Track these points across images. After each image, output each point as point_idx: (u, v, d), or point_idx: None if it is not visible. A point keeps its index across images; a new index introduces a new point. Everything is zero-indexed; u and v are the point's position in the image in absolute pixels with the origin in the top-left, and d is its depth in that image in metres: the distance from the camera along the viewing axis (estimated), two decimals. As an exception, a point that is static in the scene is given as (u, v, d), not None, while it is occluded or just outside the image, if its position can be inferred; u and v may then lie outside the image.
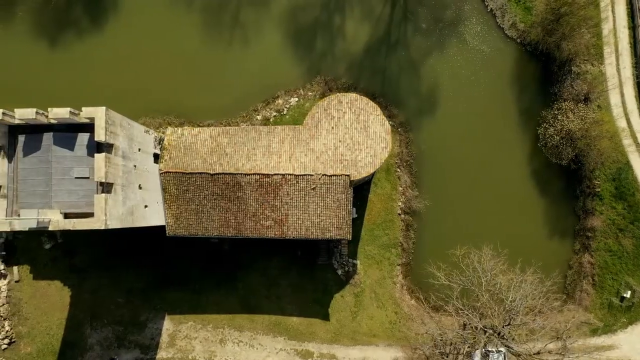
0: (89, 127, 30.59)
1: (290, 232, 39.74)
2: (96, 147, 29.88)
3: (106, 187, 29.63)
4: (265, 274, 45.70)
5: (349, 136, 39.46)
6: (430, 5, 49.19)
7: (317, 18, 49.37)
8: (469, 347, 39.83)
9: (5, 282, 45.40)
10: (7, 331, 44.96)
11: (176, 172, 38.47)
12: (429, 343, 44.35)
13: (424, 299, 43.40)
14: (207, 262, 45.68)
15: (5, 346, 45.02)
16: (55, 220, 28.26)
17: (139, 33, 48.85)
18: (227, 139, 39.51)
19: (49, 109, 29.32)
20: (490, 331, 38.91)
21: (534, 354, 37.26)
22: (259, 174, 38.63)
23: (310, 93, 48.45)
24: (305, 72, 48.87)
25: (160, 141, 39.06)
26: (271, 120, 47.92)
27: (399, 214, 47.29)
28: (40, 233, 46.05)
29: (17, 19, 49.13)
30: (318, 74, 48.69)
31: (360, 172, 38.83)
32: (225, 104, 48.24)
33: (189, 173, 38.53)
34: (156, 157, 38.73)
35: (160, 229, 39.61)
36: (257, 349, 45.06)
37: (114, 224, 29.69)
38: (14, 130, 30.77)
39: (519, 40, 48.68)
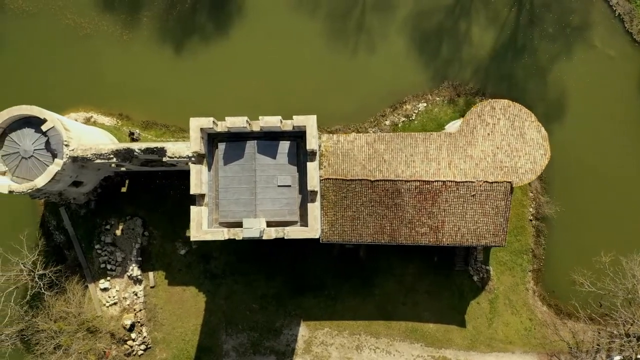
0: (286, 135, 30.53)
1: (445, 239, 39.63)
2: (306, 156, 29.80)
3: (311, 196, 29.55)
4: (401, 280, 45.53)
5: (506, 143, 39.29)
6: (556, 10, 48.96)
7: (442, 23, 49.21)
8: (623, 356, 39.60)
9: (141, 287, 45.39)
10: (144, 337, 44.96)
11: (336, 179, 38.32)
12: (565, 350, 44.32)
13: (579, 307, 42.97)
14: (343, 268, 45.56)
15: (141, 352, 45.03)
16: (269, 230, 28.15)
17: (264, 39, 48.75)
18: (384, 145, 39.38)
19: (260, 117, 29.26)
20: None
21: None
22: (419, 181, 38.49)
23: (437, 98, 48.30)
24: (432, 77, 48.70)
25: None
26: (399, 125, 47.80)
27: (530, 220, 47.05)
28: (174, 238, 46.14)
29: (142, 25, 49.21)
30: (445, 79, 48.53)
31: (522, 179, 38.68)
32: (351, 109, 48.16)
33: (349, 180, 38.40)
34: (315, 164, 38.63)
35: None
36: (394, 355, 44.91)
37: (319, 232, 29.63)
38: (212, 139, 30.71)
39: (647, 45, 48.45)
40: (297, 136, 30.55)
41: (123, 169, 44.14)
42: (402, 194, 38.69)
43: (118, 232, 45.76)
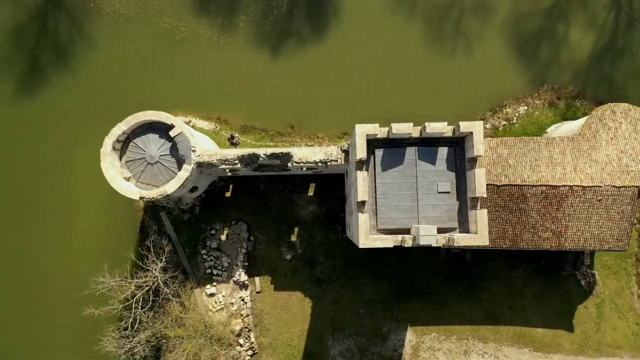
0: (442, 140, 30.36)
1: (567, 244, 39.40)
2: (463, 161, 29.63)
3: (473, 202, 29.38)
4: (508, 284, 45.29)
5: (630, 147, 39.05)
6: (656, 13, 48.87)
7: (541, 26, 49.03)
8: None
9: (248, 292, 45.24)
10: (251, 342, 44.81)
11: (462, 184, 38.13)
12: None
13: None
14: (449, 273, 45.37)
15: (248, 357, 44.86)
16: (442, 237, 27.98)
17: (360, 42, 48.71)
18: (507, 150, 39.19)
19: (426, 124, 29.11)
20: None
21: None
22: (546, 186, 38.29)
23: (538, 102, 48.12)
24: (531, 80, 48.55)
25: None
26: (500, 129, 47.64)
27: (634, 224, 46.77)
28: (279, 243, 45.99)
29: (239, 29, 49.12)
30: (544, 82, 48.36)
31: (650, 184, 38.45)
32: (450, 112, 47.08)
33: (475, 185, 38.18)
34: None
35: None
36: (502, 360, 44.75)
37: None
38: (368, 144, 30.53)
39: None
40: (453, 142, 30.40)
41: (229, 173, 43.98)
42: (527, 199, 38.49)
43: (223, 237, 45.63)
